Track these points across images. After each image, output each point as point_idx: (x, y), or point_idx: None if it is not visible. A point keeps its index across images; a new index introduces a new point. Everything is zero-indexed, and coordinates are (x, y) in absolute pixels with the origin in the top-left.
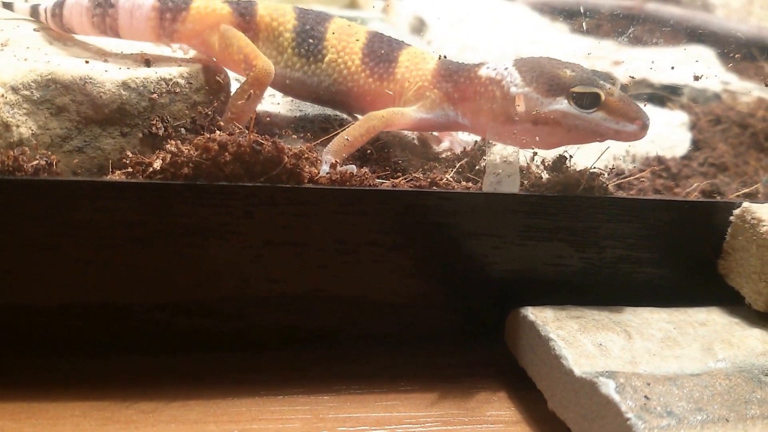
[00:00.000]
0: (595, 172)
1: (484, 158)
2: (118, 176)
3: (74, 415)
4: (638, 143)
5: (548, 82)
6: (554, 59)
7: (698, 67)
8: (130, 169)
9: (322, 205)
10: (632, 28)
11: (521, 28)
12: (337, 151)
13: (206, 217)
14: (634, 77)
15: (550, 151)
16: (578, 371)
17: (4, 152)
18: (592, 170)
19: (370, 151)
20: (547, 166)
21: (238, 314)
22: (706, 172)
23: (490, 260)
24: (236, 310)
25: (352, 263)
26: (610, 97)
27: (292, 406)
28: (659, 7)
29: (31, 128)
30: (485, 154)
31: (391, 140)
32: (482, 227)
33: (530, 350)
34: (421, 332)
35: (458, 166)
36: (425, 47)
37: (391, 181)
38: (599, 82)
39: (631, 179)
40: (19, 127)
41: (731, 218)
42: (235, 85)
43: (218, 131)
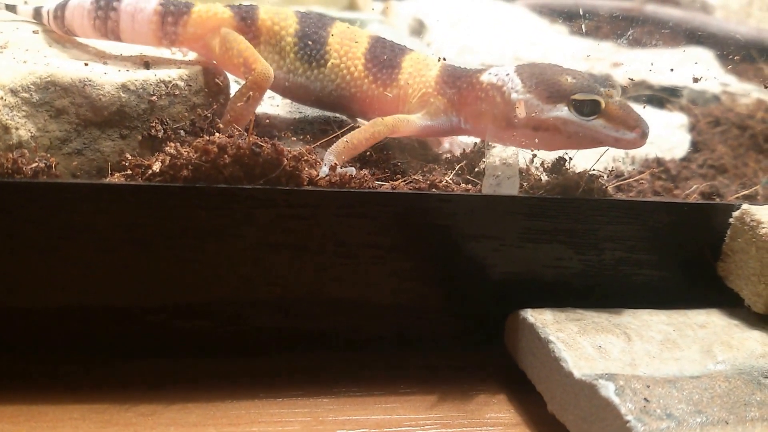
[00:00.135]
0: (594, 174)
1: (483, 160)
2: (117, 178)
3: (73, 417)
4: None
5: (549, 88)
6: (556, 66)
7: (697, 68)
8: (129, 171)
9: (321, 207)
10: (631, 29)
11: (520, 29)
12: (339, 153)
13: (205, 219)
14: (633, 79)
15: (549, 153)
16: (578, 374)
17: (3, 155)
18: (591, 172)
19: (369, 153)
20: (546, 168)
21: (237, 317)
22: (705, 173)
23: (489, 262)
24: (235, 312)
25: (351, 265)
26: (610, 104)
27: (291, 408)
28: (658, 8)
29: (30, 130)
30: (485, 156)
31: (390, 142)
32: (482, 229)
33: (530, 353)
34: (420, 334)
35: (458, 168)
36: (425, 49)
37: (390, 183)
38: (600, 89)
39: (630, 181)
40: (18, 129)
41: (730, 220)
42: (234, 87)
43: (217, 133)
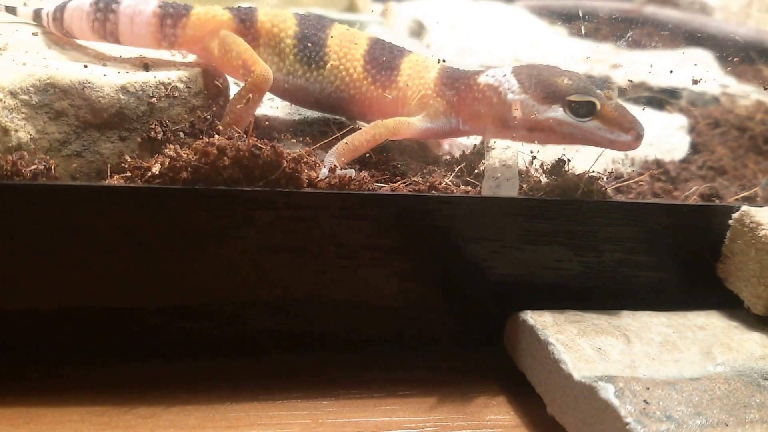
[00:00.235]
0: (593, 175)
1: (483, 162)
2: (116, 181)
3: (72, 420)
4: None
5: (545, 89)
6: (553, 67)
7: (697, 70)
8: (128, 173)
9: (321, 209)
10: (631, 31)
11: (520, 31)
12: (340, 154)
13: (205, 221)
14: (632, 81)
15: (549, 155)
16: (577, 376)
17: (2, 157)
18: (590, 174)
19: (369, 155)
20: (546, 170)
21: (236, 318)
22: (704, 175)
23: (489, 264)
24: (235, 313)
25: (350, 267)
26: (605, 106)
27: (290, 410)
28: (658, 10)
29: (29, 133)
30: (484, 157)
31: (390, 144)
32: (481, 231)
33: (529, 354)
34: (419, 336)
35: (457, 169)
36: (424, 50)
37: (390, 185)
38: (596, 91)
39: (629, 183)
40: (17, 131)
41: (730, 222)
42: (234, 89)
43: (217, 135)
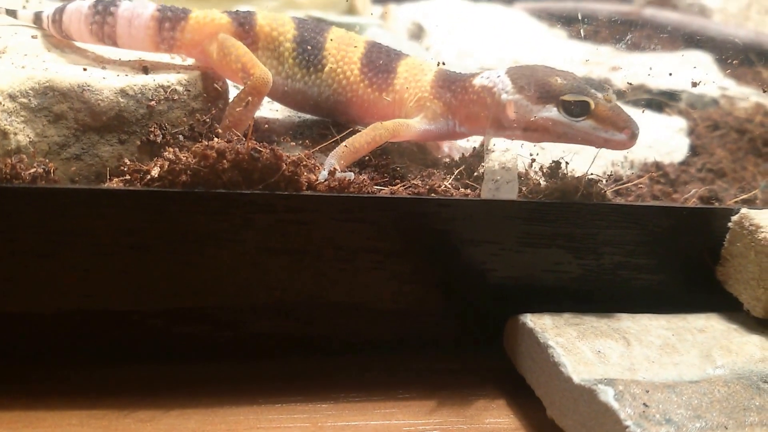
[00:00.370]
0: (593, 178)
1: (482, 164)
2: (115, 184)
3: (72, 424)
4: (636, 149)
5: (539, 89)
6: (548, 67)
7: (696, 72)
8: (127, 176)
9: (320, 212)
10: (630, 33)
11: (519, 34)
12: (340, 157)
13: (204, 224)
14: (632, 83)
15: (548, 157)
16: (577, 378)
17: (1, 160)
18: (590, 176)
19: (368, 157)
20: (545, 172)
21: (236, 321)
22: (704, 177)
23: (488, 267)
24: (234, 317)
25: (350, 270)
26: (599, 105)
27: (290, 414)
28: (657, 12)
29: (28, 136)
30: (483, 160)
31: (389, 147)
32: (481, 234)
33: (529, 357)
34: (419, 339)
35: (457, 172)
36: (424, 53)
37: (389, 188)
38: (590, 90)
39: (629, 185)
40: (16, 134)
41: (729, 224)
42: (233, 92)
43: (216, 138)
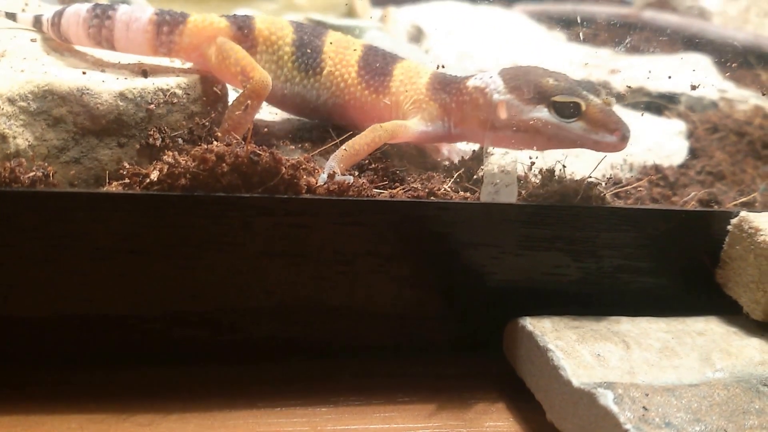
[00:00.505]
0: (592, 181)
1: (481, 168)
2: (114, 187)
3: (71, 428)
4: (636, 152)
5: (530, 90)
6: (540, 68)
7: (695, 75)
8: (127, 180)
9: (319, 215)
10: (629, 36)
11: (518, 36)
12: (341, 160)
13: (203, 228)
14: (631, 86)
15: (548, 161)
16: (576, 382)
17: (0, 164)
18: (589, 179)
19: (368, 160)
20: (545, 176)
21: (235, 325)
22: (703, 180)
23: (488, 270)
24: (233, 321)
25: (349, 274)
26: (591, 107)
27: (289, 418)
28: (656, 15)
29: (27, 139)
30: (483, 163)
31: (389, 150)
32: (480, 237)
33: (529, 361)
34: (418, 343)
35: (456, 175)
36: (423, 56)
37: (388, 191)
38: (581, 92)
39: (628, 188)
40: (15, 138)
41: (729, 227)
42: (232, 95)
43: (215, 142)
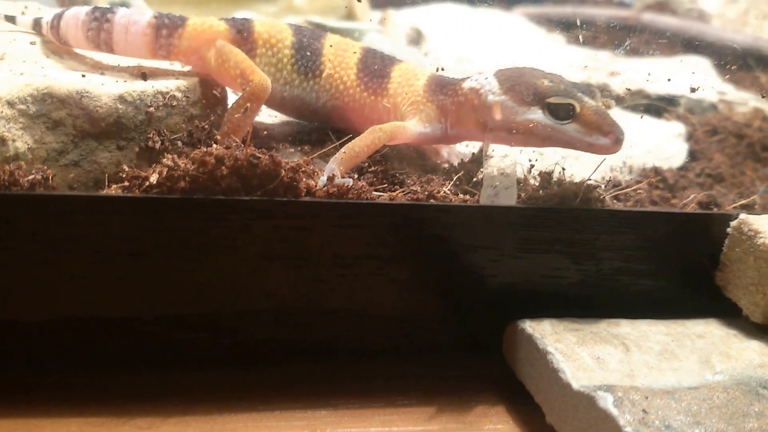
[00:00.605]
0: (591, 183)
1: (481, 170)
2: (114, 190)
3: (71, 431)
4: (635, 154)
5: (525, 91)
6: (536, 69)
7: (695, 77)
8: (126, 183)
9: (319, 218)
10: (629, 39)
11: (518, 39)
12: (341, 162)
13: (203, 230)
14: (630, 88)
15: (547, 163)
16: (576, 385)
17: (0, 167)
18: (588, 182)
19: (367, 163)
20: (544, 178)
21: (234, 328)
22: (702, 182)
23: (487, 273)
24: (233, 324)
25: (349, 276)
26: (585, 109)
27: (289, 421)
28: (655, 17)
29: (27, 142)
30: (482, 166)
31: (388, 152)
32: (480, 240)
33: (528, 363)
34: (418, 345)
35: (455, 178)
36: (422, 58)
37: (388, 193)
38: (576, 94)
39: (628, 191)
40: (15, 141)
41: (728, 230)
42: (232, 98)
43: (215, 145)
